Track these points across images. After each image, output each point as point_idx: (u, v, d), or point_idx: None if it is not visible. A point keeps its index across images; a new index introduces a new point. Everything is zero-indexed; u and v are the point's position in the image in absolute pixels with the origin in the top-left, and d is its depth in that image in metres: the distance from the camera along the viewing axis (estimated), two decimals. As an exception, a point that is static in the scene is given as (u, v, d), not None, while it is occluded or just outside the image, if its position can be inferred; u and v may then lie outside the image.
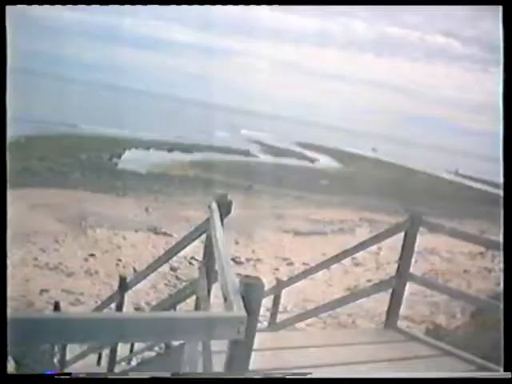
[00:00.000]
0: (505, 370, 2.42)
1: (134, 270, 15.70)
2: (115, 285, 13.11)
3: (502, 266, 2.92)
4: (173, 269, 16.48)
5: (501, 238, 2.92)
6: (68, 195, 26.23)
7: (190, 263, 16.88)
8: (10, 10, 2.46)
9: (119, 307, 6.28)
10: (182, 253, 5.39)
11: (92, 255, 17.77)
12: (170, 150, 49.03)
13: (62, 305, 10.76)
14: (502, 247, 2.88)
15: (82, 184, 29.76)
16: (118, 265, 17.19)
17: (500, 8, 2.90)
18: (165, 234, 21.12)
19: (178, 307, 5.37)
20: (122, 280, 6.31)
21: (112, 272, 16.26)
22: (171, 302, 5.03)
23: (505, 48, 2.86)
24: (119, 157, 40.86)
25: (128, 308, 7.38)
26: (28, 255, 16.86)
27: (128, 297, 6.54)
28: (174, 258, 6.80)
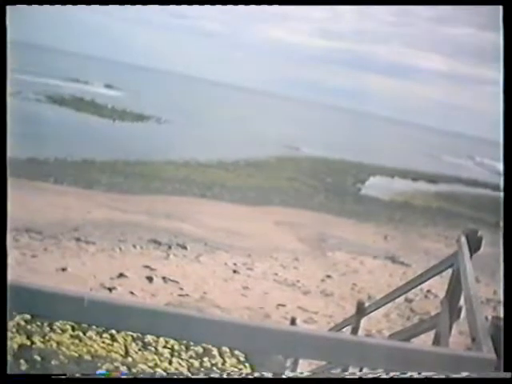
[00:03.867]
0: (505, 370, 2.15)
1: (369, 297, 15.67)
2: (348, 308, 13.23)
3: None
4: (408, 300, 16.13)
5: (501, 238, 2.66)
6: (311, 216, 27.09)
7: (426, 296, 16.41)
8: (10, 9, 2.57)
9: (355, 331, 6.34)
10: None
11: (329, 276, 18.07)
12: (415, 180, 48.28)
13: (297, 321, 11.12)
14: (502, 247, 2.64)
15: (325, 206, 30.55)
16: (352, 289, 17.25)
17: (500, 8, 2.69)
18: (402, 263, 20.78)
19: (412, 340, 5.25)
20: (360, 305, 6.37)
21: (346, 295, 16.39)
22: (409, 334, 4.94)
23: (505, 48, 2.67)
24: (363, 182, 41.25)
25: (360, 333, 7.41)
26: (269, 270, 17.66)
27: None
28: (411, 290, 6.68)
